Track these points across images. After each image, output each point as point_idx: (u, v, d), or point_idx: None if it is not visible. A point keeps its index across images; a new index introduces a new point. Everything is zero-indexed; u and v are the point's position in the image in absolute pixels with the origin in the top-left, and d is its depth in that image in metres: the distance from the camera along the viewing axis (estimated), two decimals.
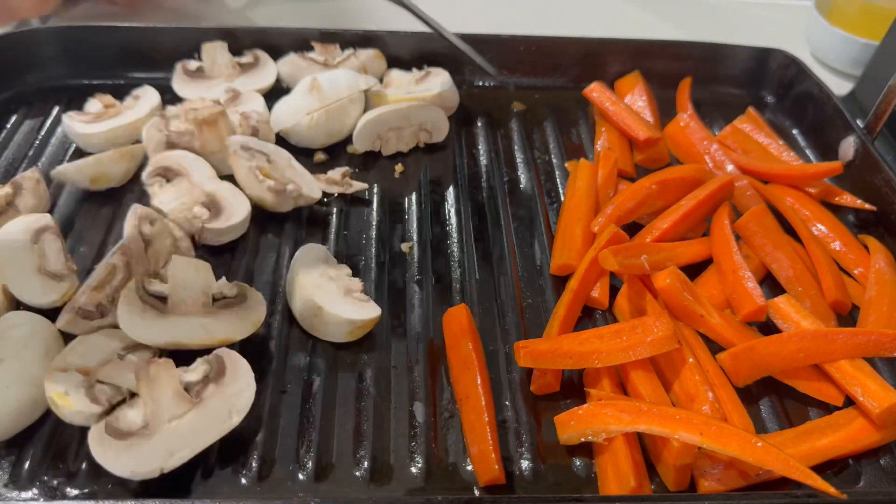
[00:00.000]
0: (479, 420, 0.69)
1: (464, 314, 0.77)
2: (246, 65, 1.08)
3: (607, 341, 0.72)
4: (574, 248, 0.85)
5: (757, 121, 1.06)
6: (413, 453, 0.69)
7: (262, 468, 0.67)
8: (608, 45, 1.15)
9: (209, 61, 1.07)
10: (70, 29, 1.10)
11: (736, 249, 0.82)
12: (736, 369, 0.74)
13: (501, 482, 0.66)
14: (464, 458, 0.69)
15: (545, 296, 0.84)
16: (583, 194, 0.90)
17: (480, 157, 1.03)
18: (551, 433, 0.71)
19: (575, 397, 0.75)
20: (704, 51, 1.15)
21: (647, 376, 0.72)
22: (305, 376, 0.75)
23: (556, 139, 1.06)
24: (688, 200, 0.88)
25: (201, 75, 1.07)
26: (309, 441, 0.69)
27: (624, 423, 0.66)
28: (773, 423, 0.74)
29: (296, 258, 0.82)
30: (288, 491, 0.65)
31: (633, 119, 1.01)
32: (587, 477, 0.69)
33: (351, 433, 0.70)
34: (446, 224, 0.92)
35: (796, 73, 1.10)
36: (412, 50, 1.12)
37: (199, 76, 1.07)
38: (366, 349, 0.77)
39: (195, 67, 1.08)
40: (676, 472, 0.66)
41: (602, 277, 0.83)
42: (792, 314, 0.78)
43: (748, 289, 0.79)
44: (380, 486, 0.67)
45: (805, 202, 0.93)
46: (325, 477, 0.67)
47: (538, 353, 0.73)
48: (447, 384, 0.75)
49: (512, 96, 1.13)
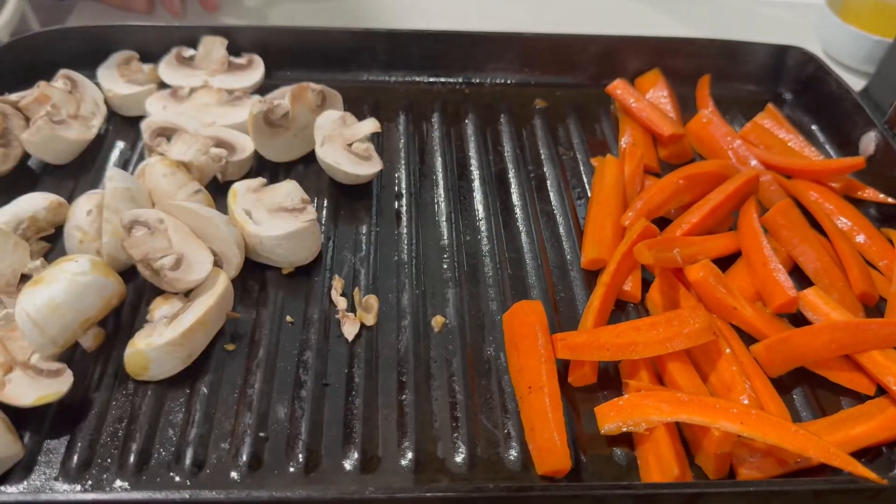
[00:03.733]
0: (546, 411, 0.70)
1: (536, 308, 0.78)
2: (237, 65, 1.09)
3: (644, 333, 0.73)
4: (605, 242, 0.86)
5: (777, 117, 1.07)
6: (456, 443, 0.70)
7: (309, 460, 0.68)
8: (627, 43, 1.16)
9: (203, 52, 1.08)
10: (93, 28, 1.10)
11: (766, 242, 0.83)
12: (770, 360, 0.76)
13: (567, 470, 0.67)
14: (506, 448, 0.70)
15: (577, 290, 0.85)
16: (611, 190, 0.91)
17: (506, 153, 1.04)
18: (590, 424, 0.72)
19: (612, 389, 0.76)
20: (722, 48, 1.16)
21: (685, 368, 0.73)
22: (346, 369, 0.76)
23: (579, 135, 1.07)
24: (716, 195, 0.89)
25: (189, 64, 1.08)
26: (354, 433, 0.70)
27: (665, 413, 0.68)
28: (806, 413, 0.75)
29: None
30: (337, 482, 0.66)
31: (657, 115, 1.02)
32: (628, 466, 0.70)
33: (394, 424, 0.71)
34: (476, 220, 0.93)
35: (814, 69, 1.12)
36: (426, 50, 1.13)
37: (187, 64, 1.08)
38: (404, 344, 0.78)
39: (188, 55, 1.09)
40: (717, 461, 0.68)
41: (634, 271, 0.84)
42: (821, 306, 0.80)
43: (779, 281, 0.80)
44: (426, 476, 0.68)
45: (828, 196, 0.94)
46: (372, 468, 0.68)
47: (576, 345, 0.75)
48: (484, 375, 0.76)
49: (533, 93, 1.14)
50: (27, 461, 0.67)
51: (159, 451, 0.69)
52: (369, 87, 1.13)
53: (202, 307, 0.74)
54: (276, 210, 0.84)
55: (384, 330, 0.80)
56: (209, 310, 0.74)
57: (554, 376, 0.73)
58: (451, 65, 1.14)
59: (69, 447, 0.68)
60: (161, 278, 0.76)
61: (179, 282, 0.76)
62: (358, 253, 0.88)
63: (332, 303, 0.82)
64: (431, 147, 1.04)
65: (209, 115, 0.98)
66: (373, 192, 0.96)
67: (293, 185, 0.87)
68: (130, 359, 0.72)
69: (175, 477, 0.67)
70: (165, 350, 0.71)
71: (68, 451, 0.68)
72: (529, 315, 0.78)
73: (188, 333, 0.72)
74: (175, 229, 0.78)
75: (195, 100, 1.01)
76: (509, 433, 0.72)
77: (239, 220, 0.83)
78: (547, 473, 0.68)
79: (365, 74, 1.14)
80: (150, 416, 0.71)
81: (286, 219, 0.83)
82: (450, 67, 1.14)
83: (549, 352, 0.75)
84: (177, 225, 0.79)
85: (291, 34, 1.12)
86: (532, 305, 0.79)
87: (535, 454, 0.69)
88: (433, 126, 1.07)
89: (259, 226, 0.83)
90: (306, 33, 1.12)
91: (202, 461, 0.68)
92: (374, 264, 0.87)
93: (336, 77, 1.11)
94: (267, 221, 0.83)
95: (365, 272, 0.86)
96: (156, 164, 0.86)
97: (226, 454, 0.68)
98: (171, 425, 0.71)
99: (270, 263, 0.84)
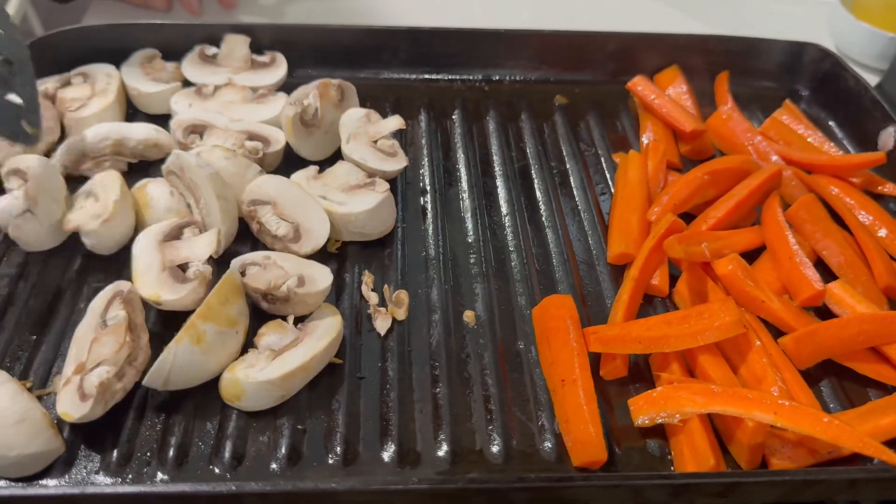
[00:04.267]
0: (581, 403, 0.71)
1: (566, 302, 0.79)
2: (260, 63, 1.09)
3: (676, 326, 0.74)
4: (631, 237, 0.87)
5: (795, 113, 1.08)
6: (491, 435, 0.71)
7: (347, 452, 0.69)
8: (644, 40, 1.17)
9: (226, 50, 1.09)
10: (114, 27, 1.11)
11: (791, 237, 0.84)
12: (798, 352, 0.77)
13: (603, 461, 0.68)
14: (541, 440, 0.71)
15: (604, 285, 0.86)
16: (635, 185, 0.92)
17: (528, 149, 1.05)
18: (623, 417, 0.73)
19: (642, 382, 0.77)
20: (739, 45, 1.17)
21: (716, 360, 0.74)
22: (379, 363, 0.77)
23: (600, 132, 1.08)
24: (740, 190, 0.90)
25: (212, 62, 1.09)
26: (390, 425, 0.71)
27: (699, 404, 0.69)
28: (835, 404, 0.76)
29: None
30: (376, 474, 0.67)
31: (678, 112, 1.03)
32: (662, 458, 0.71)
33: (430, 417, 0.72)
34: (501, 215, 0.94)
35: (831, 66, 1.13)
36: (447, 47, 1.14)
37: (210, 62, 1.09)
38: (436, 338, 0.79)
39: (212, 53, 1.09)
40: (750, 451, 0.69)
41: (661, 265, 0.85)
42: (846, 299, 0.81)
43: (806, 274, 0.81)
44: (462, 468, 0.69)
45: (849, 191, 0.95)
46: (410, 460, 0.69)
47: (608, 339, 0.76)
48: (516, 368, 0.77)
49: (553, 90, 1.15)
50: (67, 456, 0.68)
51: (198, 444, 0.69)
52: (390, 85, 1.13)
53: (310, 351, 0.72)
54: (350, 189, 0.87)
55: (415, 324, 0.81)
56: (316, 355, 0.72)
57: (587, 369, 0.74)
58: (471, 62, 1.15)
59: (109, 442, 0.69)
60: (291, 301, 0.76)
61: (310, 296, 0.77)
62: (386, 248, 0.89)
63: (363, 298, 0.83)
64: (454, 144, 1.05)
65: (236, 112, 0.99)
66: (398, 189, 0.96)
67: (348, 165, 0.90)
68: (226, 384, 0.72)
69: (215, 469, 0.67)
70: (262, 388, 0.70)
71: (108, 446, 0.69)
72: (560, 309, 0.79)
73: (288, 377, 0.71)
74: (283, 259, 0.80)
75: (220, 97, 1.02)
76: (543, 425, 0.73)
77: (324, 205, 0.85)
78: (583, 465, 0.69)
79: (385, 72, 1.15)
80: (188, 410, 0.72)
81: (365, 194, 0.86)
82: (469, 65, 1.15)
83: (581, 345, 0.75)
84: (284, 257, 0.81)
85: (313, 32, 1.13)
86: (562, 300, 0.80)
87: (571, 446, 0.70)
88: (454, 123, 1.08)
89: (345, 206, 0.85)
90: (328, 31, 1.12)
91: (241, 454, 0.69)
92: (403, 260, 0.88)
93: (356, 75, 1.11)
94: (349, 201, 0.86)
95: (393, 267, 0.87)
96: (213, 150, 0.87)
97: (265, 447, 0.69)
98: (209, 419, 0.71)
99: (358, 239, 0.88)
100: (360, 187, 0.87)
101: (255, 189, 0.85)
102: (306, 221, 0.83)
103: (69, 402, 0.68)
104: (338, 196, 0.86)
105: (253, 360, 0.72)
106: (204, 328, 0.71)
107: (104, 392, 0.68)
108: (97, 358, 0.69)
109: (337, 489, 0.60)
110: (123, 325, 0.71)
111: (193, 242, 0.80)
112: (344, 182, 0.88)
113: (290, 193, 0.85)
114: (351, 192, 0.87)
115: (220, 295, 0.73)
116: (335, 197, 0.86)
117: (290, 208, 0.84)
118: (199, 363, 0.71)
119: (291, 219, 0.83)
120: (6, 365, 0.75)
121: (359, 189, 0.87)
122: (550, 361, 0.76)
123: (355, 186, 0.87)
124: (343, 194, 0.87)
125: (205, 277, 0.77)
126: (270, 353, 0.73)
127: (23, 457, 0.65)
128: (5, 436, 0.65)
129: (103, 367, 0.68)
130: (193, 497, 0.60)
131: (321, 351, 0.73)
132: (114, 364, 0.69)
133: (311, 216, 0.84)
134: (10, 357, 0.76)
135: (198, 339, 0.70)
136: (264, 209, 0.83)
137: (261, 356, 0.73)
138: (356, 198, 0.86)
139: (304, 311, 0.78)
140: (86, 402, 0.67)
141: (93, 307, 0.75)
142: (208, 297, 0.73)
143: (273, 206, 0.84)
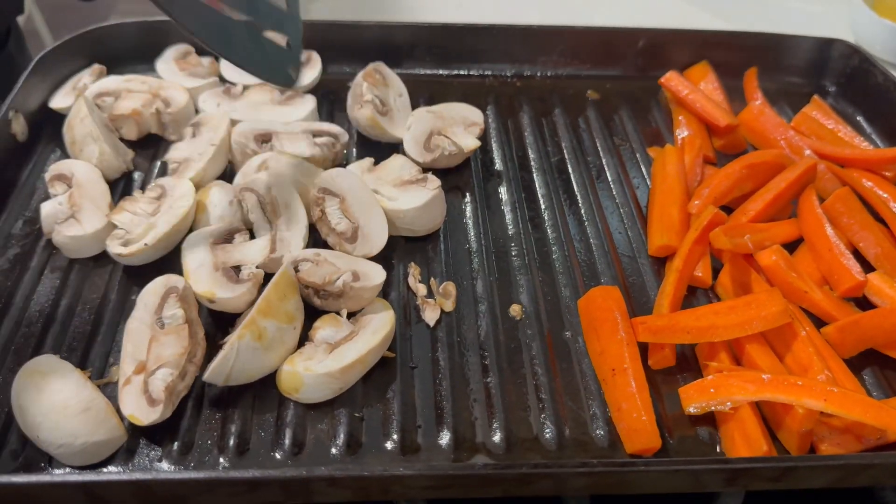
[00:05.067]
0: (633, 392, 0.72)
1: (613, 293, 0.80)
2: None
3: (723, 316, 0.75)
4: (672, 229, 0.88)
5: (824, 108, 1.09)
6: (544, 423, 0.72)
7: (405, 439, 0.70)
8: (673, 36, 1.18)
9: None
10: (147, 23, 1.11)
11: (830, 229, 0.86)
12: (842, 341, 0.78)
13: (657, 448, 0.69)
14: (594, 428, 0.72)
15: (647, 276, 0.88)
16: (674, 178, 0.93)
17: (563, 144, 1.06)
18: (672, 405, 0.74)
19: (690, 371, 0.78)
20: (767, 41, 1.19)
21: (763, 349, 0.76)
22: (430, 353, 0.78)
23: (633, 126, 1.09)
24: (776, 183, 0.92)
25: None
26: (444, 413, 0.72)
27: (749, 392, 0.70)
28: (878, 392, 0.78)
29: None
30: (435, 460, 0.68)
31: (712, 106, 1.04)
32: (712, 444, 0.72)
33: (483, 405, 0.73)
34: (541, 209, 0.95)
35: (859, 61, 1.14)
36: (480, 43, 1.15)
37: None
38: (484, 329, 0.80)
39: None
40: (800, 438, 0.70)
41: (703, 257, 0.86)
42: (886, 289, 0.83)
43: (847, 265, 0.82)
44: (517, 455, 0.70)
45: (882, 185, 0.97)
46: (466, 447, 0.70)
47: (657, 329, 0.77)
48: (565, 358, 0.78)
49: (584, 85, 1.16)
50: (129, 444, 0.69)
51: (258, 433, 0.71)
52: (423, 81, 1.14)
53: (366, 345, 0.73)
54: (401, 184, 0.88)
55: (463, 315, 0.82)
56: (373, 349, 0.74)
57: (637, 358, 0.75)
58: (503, 58, 1.16)
59: (170, 431, 0.70)
60: (346, 296, 0.77)
61: (365, 290, 0.78)
62: (429, 241, 0.90)
63: (410, 289, 0.84)
64: (489, 139, 1.06)
65: (264, 113, 0.99)
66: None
67: (402, 159, 0.91)
68: (285, 377, 0.73)
69: (276, 456, 0.69)
70: (321, 380, 0.71)
71: (169, 435, 0.70)
72: (607, 300, 0.80)
73: (347, 369, 0.72)
74: (334, 256, 0.81)
75: (248, 98, 1.02)
76: (594, 413, 0.74)
77: (377, 200, 0.86)
78: (637, 452, 0.70)
79: (418, 68, 1.16)
80: (245, 401, 0.73)
81: (416, 190, 0.87)
82: (501, 60, 1.16)
83: (630, 335, 0.77)
84: (335, 255, 0.82)
85: (347, 29, 1.14)
86: (609, 291, 0.81)
87: (624, 434, 0.71)
88: (489, 118, 1.09)
89: (395, 201, 0.86)
90: (362, 28, 1.14)
91: (301, 441, 0.70)
92: (446, 252, 0.89)
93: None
94: (400, 196, 0.87)
95: (437, 260, 0.88)
96: (279, 157, 0.88)
97: (324, 435, 0.70)
98: (268, 408, 0.72)
99: (406, 234, 0.89)
100: (412, 183, 0.88)
101: (329, 179, 0.86)
102: (367, 226, 0.84)
103: (135, 405, 0.69)
104: (389, 191, 0.87)
105: (311, 353, 0.73)
106: (264, 324, 0.72)
107: (171, 395, 0.69)
108: (158, 360, 0.70)
109: (405, 474, 0.61)
110: (185, 327, 0.72)
111: (246, 247, 0.82)
112: (397, 177, 0.89)
113: (360, 194, 0.85)
114: (403, 188, 0.88)
115: (277, 291, 0.74)
116: (387, 192, 0.87)
117: (356, 207, 0.84)
118: (259, 359, 0.72)
119: (354, 219, 0.84)
120: (63, 356, 0.75)
121: (410, 185, 0.88)
122: (599, 351, 0.77)
123: (407, 182, 0.88)
124: (395, 189, 0.88)
125: (258, 280, 0.78)
126: (327, 346, 0.74)
127: (88, 445, 0.66)
128: (71, 424, 0.66)
129: (167, 370, 0.70)
130: (262, 482, 0.61)
131: (377, 344, 0.74)
132: (176, 367, 0.70)
133: (374, 222, 0.84)
134: (66, 349, 0.77)
135: (259, 336, 0.71)
136: (332, 201, 0.84)
137: (318, 349, 0.74)
138: (407, 194, 0.87)
139: (357, 305, 0.79)
140: (155, 407, 0.68)
141: (144, 300, 0.76)
142: (266, 292, 0.74)
143: (341, 200, 0.84)
